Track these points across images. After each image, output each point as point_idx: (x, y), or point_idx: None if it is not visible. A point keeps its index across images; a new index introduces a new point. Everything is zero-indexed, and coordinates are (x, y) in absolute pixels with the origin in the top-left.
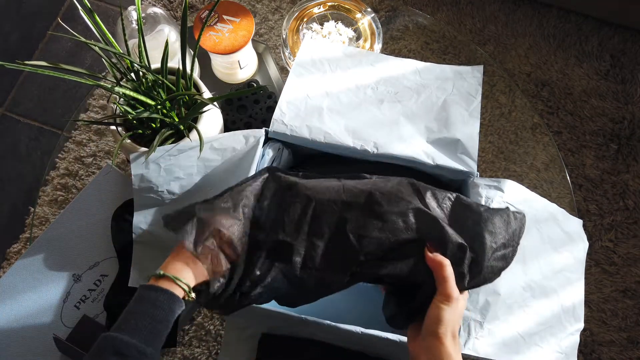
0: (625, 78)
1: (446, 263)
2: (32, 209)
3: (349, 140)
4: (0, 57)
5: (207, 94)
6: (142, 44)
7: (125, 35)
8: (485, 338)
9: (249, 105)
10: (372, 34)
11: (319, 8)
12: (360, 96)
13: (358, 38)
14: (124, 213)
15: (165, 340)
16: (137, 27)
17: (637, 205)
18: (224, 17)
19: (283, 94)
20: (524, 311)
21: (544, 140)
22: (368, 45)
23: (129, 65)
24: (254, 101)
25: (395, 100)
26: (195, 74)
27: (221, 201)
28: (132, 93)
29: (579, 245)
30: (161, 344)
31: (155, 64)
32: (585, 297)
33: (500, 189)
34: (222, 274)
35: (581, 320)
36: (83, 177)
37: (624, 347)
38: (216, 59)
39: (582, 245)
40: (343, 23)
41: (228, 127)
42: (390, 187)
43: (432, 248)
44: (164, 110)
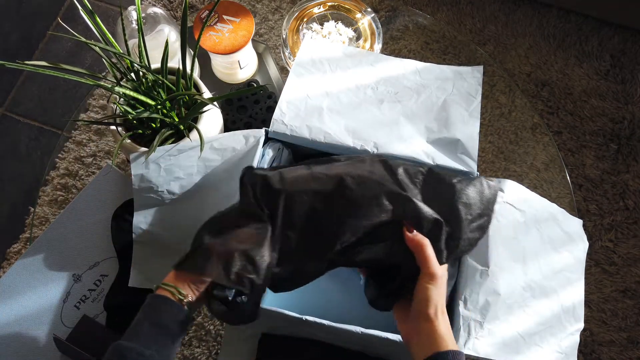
0: (625, 78)
1: (426, 242)
2: (32, 209)
3: (349, 140)
4: (0, 57)
5: (207, 94)
6: (142, 44)
7: (125, 35)
8: (485, 338)
9: (249, 105)
10: (372, 34)
11: (319, 8)
12: (360, 96)
13: (358, 38)
14: (124, 213)
15: None
16: (137, 27)
17: (637, 205)
18: (224, 17)
19: (283, 94)
20: (524, 311)
21: (544, 140)
22: (368, 45)
23: (129, 65)
24: (254, 101)
25: (395, 100)
26: (195, 74)
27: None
28: (132, 93)
29: (579, 245)
30: (166, 346)
31: (155, 64)
32: (585, 297)
33: (500, 189)
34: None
35: (581, 320)
36: (83, 177)
37: (624, 347)
38: (216, 59)
39: (582, 245)
40: (343, 23)
41: (228, 127)
42: (362, 171)
43: (411, 227)
44: (164, 110)
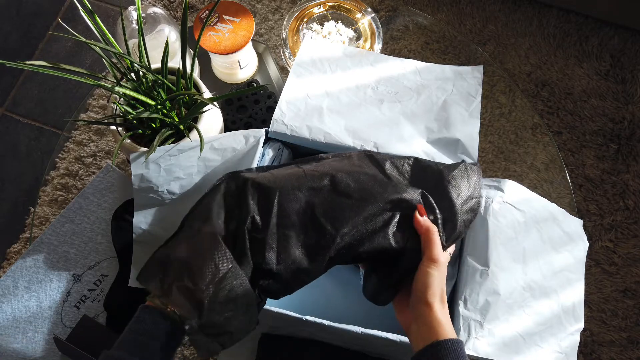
0: (625, 78)
1: (434, 228)
2: (32, 209)
3: (349, 140)
4: (0, 57)
5: (207, 94)
6: (142, 44)
7: (125, 35)
8: (485, 338)
9: (249, 105)
10: (372, 34)
11: (319, 8)
12: (360, 96)
13: (358, 38)
14: (124, 213)
15: None
16: (137, 27)
17: (637, 205)
18: (224, 17)
19: (283, 94)
20: (524, 311)
21: (544, 140)
22: (368, 45)
23: (129, 65)
24: (254, 101)
25: (395, 100)
26: (195, 74)
27: (182, 233)
28: (132, 93)
29: (579, 245)
30: (153, 355)
31: (155, 64)
32: (585, 297)
33: (500, 189)
34: (191, 313)
35: (581, 320)
36: (83, 177)
37: (624, 347)
38: (216, 59)
39: (582, 245)
40: (343, 23)
41: (228, 127)
42: (351, 166)
43: (423, 211)
44: (164, 110)
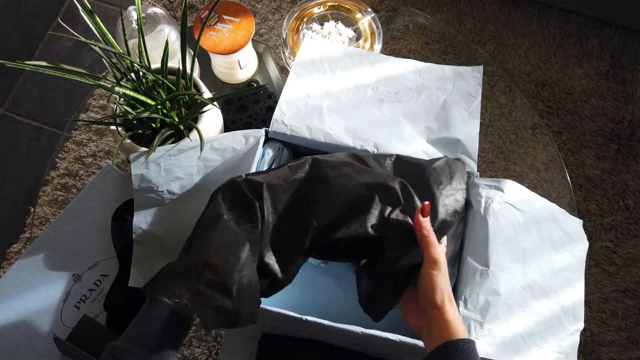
0: (625, 78)
1: (430, 228)
2: (32, 209)
3: (349, 141)
4: (0, 57)
5: (207, 94)
6: (142, 44)
7: (125, 35)
8: (485, 338)
9: (249, 105)
10: (372, 34)
11: (319, 8)
12: (360, 96)
13: (358, 38)
14: (124, 213)
15: None
16: (137, 27)
17: (637, 205)
18: (224, 17)
19: (283, 94)
20: (524, 311)
21: (544, 140)
22: (368, 45)
23: (129, 65)
24: (254, 101)
25: (395, 100)
26: (195, 74)
27: (194, 243)
28: (132, 93)
29: (579, 245)
30: (160, 347)
31: (155, 64)
32: (585, 297)
33: (500, 189)
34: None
35: (581, 320)
36: (83, 177)
37: (624, 347)
38: (216, 59)
39: (582, 245)
40: (343, 23)
41: (228, 127)
42: (334, 157)
43: (427, 211)
44: (164, 110)
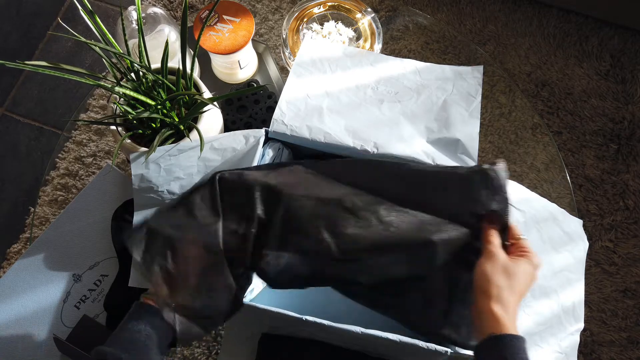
0: (625, 78)
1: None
2: (32, 209)
3: (349, 141)
4: (0, 57)
5: (207, 94)
6: (142, 44)
7: (125, 35)
8: None
9: (249, 105)
10: (372, 34)
11: (319, 8)
12: (360, 96)
13: (358, 38)
14: (124, 213)
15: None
16: (137, 27)
17: (637, 205)
18: (224, 17)
19: (283, 94)
20: (524, 311)
21: (544, 140)
22: (368, 45)
23: (129, 65)
24: (254, 101)
25: (395, 100)
26: (195, 74)
27: (179, 211)
28: (132, 93)
29: (579, 245)
30: (146, 350)
31: (155, 64)
32: (585, 297)
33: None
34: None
35: (581, 320)
36: (83, 177)
37: (624, 347)
38: (216, 59)
39: (582, 245)
40: (343, 23)
41: (228, 127)
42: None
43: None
44: (164, 110)
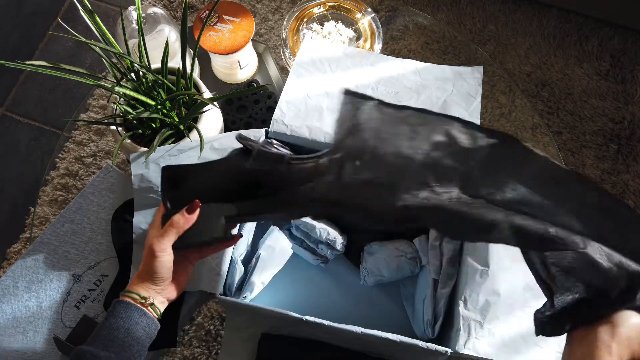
0: (625, 78)
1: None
2: (32, 209)
3: None
4: (0, 57)
5: (207, 94)
6: (142, 44)
7: (125, 35)
8: (485, 338)
9: (249, 105)
10: (372, 34)
11: (319, 8)
12: None
13: (358, 38)
14: (124, 213)
15: (165, 340)
16: (137, 27)
17: (637, 205)
18: (224, 17)
19: (283, 94)
20: (524, 311)
21: (544, 140)
22: (368, 45)
23: (129, 65)
24: (254, 101)
25: (395, 100)
26: (195, 74)
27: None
28: (132, 93)
29: None
30: (127, 348)
31: (155, 64)
32: None
33: None
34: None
35: None
36: (83, 177)
37: None
38: (216, 59)
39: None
40: (343, 23)
41: (228, 127)
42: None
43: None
44: (164, 110)
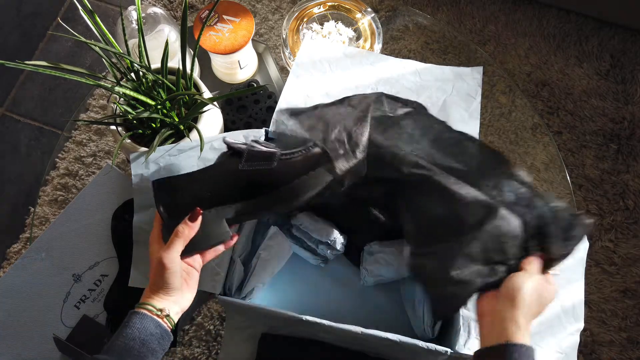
0: (625, 78)
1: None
2: (32, 209)
3: None
4: (0, 57)
5: (207, 94)
6: (142, 44)
7: (125, 35)
8: None
9: (249, 105)
10: (372, 34)
11: (319, 8)
12: None
13: (358, 38)
14: (124, 213)
15: None
16: (137, 27)
17: (637, 205)
18: (224, 17)
19: (283, 94)
20: None
21: (544, 140)
22: (368, 45)
23: (129, 65)
24: (254, 101)
25: None
26: (195, 74)
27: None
28: (132, 93)
29: (579, 245)
30: (139, 358)
31: (155, 64)
32: (585, 297)
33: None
34: None
35: (581, 320)
36: (83, 177)
37: (624, 347)
38: (216, 59)
39: (582, 245)
40: (343, 23)
41: (228, 127)
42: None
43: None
44: (164, 110)
